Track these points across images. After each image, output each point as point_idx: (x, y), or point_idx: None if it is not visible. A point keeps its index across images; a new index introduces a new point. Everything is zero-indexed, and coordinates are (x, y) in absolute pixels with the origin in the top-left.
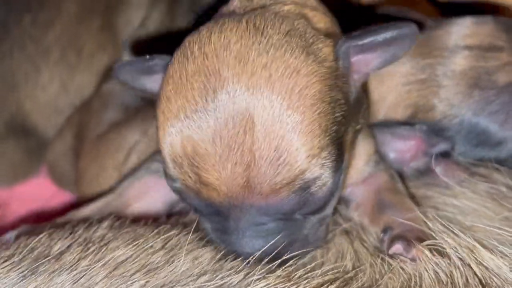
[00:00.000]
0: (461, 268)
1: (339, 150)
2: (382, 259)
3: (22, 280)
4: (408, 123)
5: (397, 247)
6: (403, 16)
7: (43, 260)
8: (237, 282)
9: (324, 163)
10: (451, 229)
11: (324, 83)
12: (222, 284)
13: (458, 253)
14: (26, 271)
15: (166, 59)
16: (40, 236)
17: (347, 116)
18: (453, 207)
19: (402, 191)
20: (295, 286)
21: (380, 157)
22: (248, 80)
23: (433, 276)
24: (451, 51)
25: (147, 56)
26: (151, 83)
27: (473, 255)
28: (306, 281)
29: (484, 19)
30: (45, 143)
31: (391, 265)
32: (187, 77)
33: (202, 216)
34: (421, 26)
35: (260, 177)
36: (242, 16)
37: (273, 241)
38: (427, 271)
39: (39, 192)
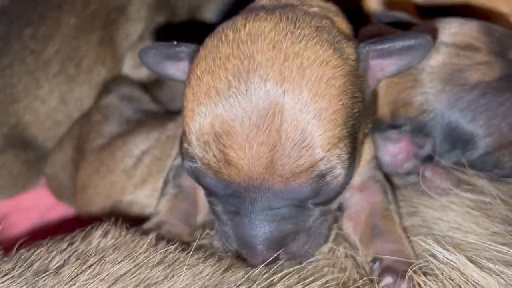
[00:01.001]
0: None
1: (353, 145)
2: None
3: None
4: (394, 125)
5: (387, 280)
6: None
7: (43, 275)
8: None
9: (341, 154)
10: (438, 250)
11: (347, 78)
12: None
13: (448, 275)
14: (26, 286)
15: (192, 47)
16: (39, 249)
17: (362, 115)
18: (441, 222)
19: (394, 218)
20: None
21: (377, 166)
22: (281, 65)
23: None
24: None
25: (174, 42)
26: (175, 69)
27: (464, 276)
28: None
29: (470, 21)
30: (44, 155)
31: None
32: (220, 58)
33: (216, 198)
34: (434, 36)
35: (284, 159)
36: (274, 10)
37: (283, 226)
38: None
39: (38, 203)
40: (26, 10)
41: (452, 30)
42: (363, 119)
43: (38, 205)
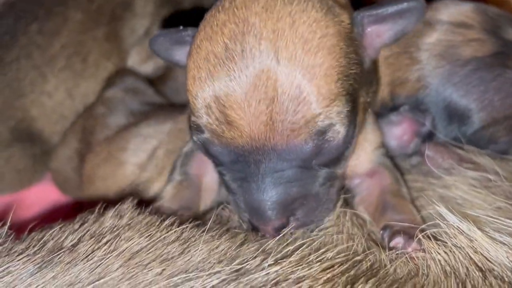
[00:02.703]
0: (462, 259)
1: (353, 106)
2: (391, 248)
3: (38, 271)
4: (394, 107)
5: (398, 240)
6: None
7: (58, 252)
8: (254, 267)
9: (340, 111)
10: (450, 221)
11: (341, 38)
12: (239, 269)
13: (458, 244)
14: (42, 263)
15: (196, 29)
16: (52, 230)
17: (361, 78)
18: (447, 200)
19: (405, 196)
20: (307, 268)
21: (387, 153)
22: (274, 24)
23: (440, 267)
24: (428, 24)
25: (181, 27)
26: (183, 54)
27: (472, 244)
28: (318, 264)
29: (466, 2)
30: (50, 150)
31: (399, 256)
32: (218, 25)
33: (224, 167)
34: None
35: (282, 114)
36: None
37: (290, 189)
38: (434, 262)
39: (44, 197)
40: (33, 5)
41: (449, 9)
42: (362, 83)
43: (44, 199)
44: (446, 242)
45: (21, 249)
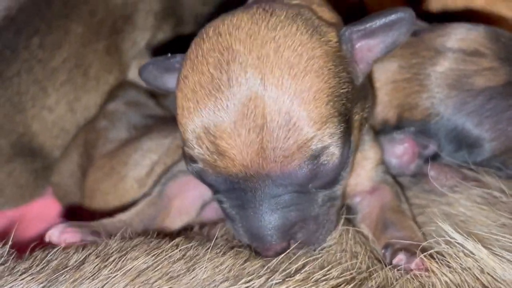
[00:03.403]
0: (469, 280)
1: (347, 126)
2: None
3: None
4: (398, 127)
5: (400, 258)
6: None
7: (63, 271)
8: (259, 286)
9: (333, 133)
10: (454, 239)
11: (329, 58)
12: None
13: (464, 264)
14: (46, 282)
15: (184, 56)
16: (55, 249)
17: (354, 96)
18: (450, 217)
19: (405, 213)
20: (314, 287)
21: (387, 170)
22: (258, 51)
23: (445, 285)
24: (439, 52)
25: (169, 54)
26: (172, 81)
27: (478, 264)
28: (324, 282)
29: (477, 26)
30: (51, 164)
31: (404, 274)
32: (202, 54)
33: (221, 194)
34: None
35: (273, 142)
36: (253, 4)
37: (288, 214)
38: (439, 281)
39: (45, 212)
40: (34, 19)
41: (458, 36)
42: (356, 101)
43: (45, 213)
44: (450, 262)
45: (24, 268)
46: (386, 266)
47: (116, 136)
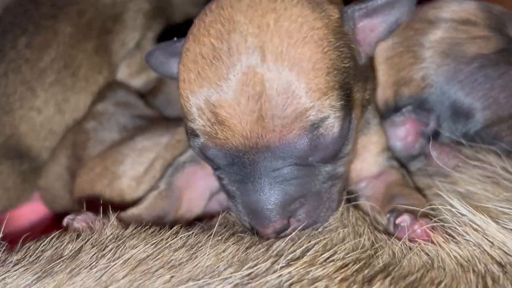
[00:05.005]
0: (478, 254)
1: (348, 100)
2: (399, 239)
3: (38, 281)
4: (396, 109)
5: (403, 218)
6: None
7: (58, 261)
8: (265, 270)
9: (333, 105)
10: (461, 212)
11: (329, 31)
12: (249, 274)
13: (472, 238)
14: (41, 272)
15: None
16: (48, 239)
17: (356, 73)
18: (454, 194)
19: (412, 187)
20: (321, 269)
21: (392, 156)
22: (259, 21)
23: (455, 261)
24: (431, 23)
25: (174, 38)
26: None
27: (487, 238)
28: (331, 263)
29: (469, 0)
30: (39, 167)
31: (410, 248)
32: (204, 27)
33: (221, 170)
34: None
35: (272, 109)
36: None
37: (288, 188)
38: (448, 256)
39: (33, 216)
40: (21, 19)
41: (452, 7)
42: (357, 78)
43: (32, 218)
44: (458, 237)
45: (16, 259)
46: (389, 240)
47: (105, 137)
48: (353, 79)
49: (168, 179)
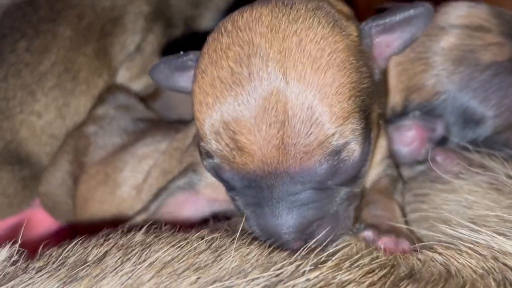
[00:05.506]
0: (492, 262)
1: (367, 122)
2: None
3: (63, 286)
4: (403, 113)
5: (366, 233)
6: None
7: (83, 266)
8: (291, 273)
9: (354, 128)
10: (465, 225)
11: (351, 52)
12: (277, 275)
13: (479, 250)
14: (66, 278)
15: (198, 53)
16: (71, 245)
17: (373, 91)
18: (453, 203)
19: (394, 198)
20: (347, 273)
21: (393, 164)
22: (280, 44)
23: (470, 270)
24: (442, 29)
25: (181, 52)
26: (185, 80)
27: (495, 249)
28: (357, 268)
29: (478, 4)
30: (39, 172)
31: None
32: (221, 49)
33: (236, 192)
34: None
35: (294, 137)
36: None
37: (306, 212)
38: (463, 266)
39: (34, 223)
40: (20, 23)
41: (459, 13)
42: (374, 96)
43: (34, 225)
44: (462, 252)
45: (39, 266)
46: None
47: (107, 141)
48: (371, 98)
49: (158, 203)
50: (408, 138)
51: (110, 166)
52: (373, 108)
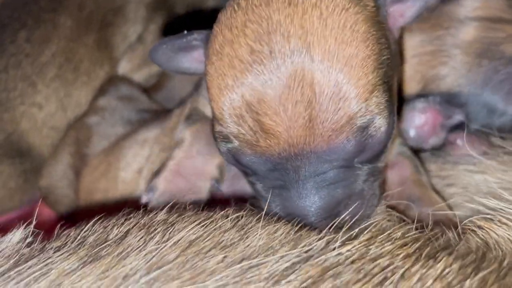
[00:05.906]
0: None
1: (390, 94)
2: None
3: (84, 265)
4: (422, 95)
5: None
6: None
7: (103, 245)
8: (321, 249)
9: (379, 102)
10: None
11: (370, 23)
12: (306, 251)
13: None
14: (86, 257)
15: (204, 32)
16: (89, 224)
17: (392, 62)
18: (481, 184)
19: (427, 185)
20: (380, 247)
21: (404, 142)
22: (301, 19)
23: (510, 242)
24: (461, 22)
25: (185, 32)
26: (190, 61)
27: None
28: (389, 242)
29: None
30: (41, 165)
31: (461, 233)
32: (237, 27)
33: (257, 176)
34: None
35: (322, 115)
36: None
37: (333, 192)
38: (502, 238)
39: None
40: (20, 13)
41: (478, 4)
42: (393, 67)
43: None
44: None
45: (56, 246)
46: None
47: (109, 132)
48: (392, 70)
49: (195, 117)
50: (420, 120)
51: (112, 154)
52: (393, 80)
